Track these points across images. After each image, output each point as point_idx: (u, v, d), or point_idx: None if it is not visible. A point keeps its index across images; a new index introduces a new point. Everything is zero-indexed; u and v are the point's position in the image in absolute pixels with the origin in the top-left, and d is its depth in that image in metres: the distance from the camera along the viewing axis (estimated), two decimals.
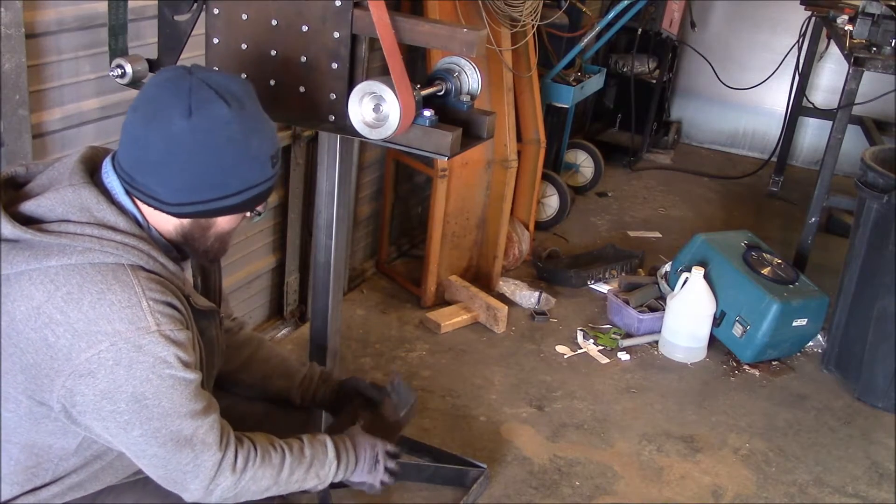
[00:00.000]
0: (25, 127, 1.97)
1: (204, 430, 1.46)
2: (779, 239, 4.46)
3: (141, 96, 1.43)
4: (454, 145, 1.73)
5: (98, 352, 1.34)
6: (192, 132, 1.38)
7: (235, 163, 1.43)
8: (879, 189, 3.12)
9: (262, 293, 3.20)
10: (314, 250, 2.12)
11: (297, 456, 1.62)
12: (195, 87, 1.40)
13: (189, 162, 1.40)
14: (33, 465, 1.48)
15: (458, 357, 3.29)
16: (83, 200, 1.41)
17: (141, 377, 1.37)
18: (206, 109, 1.39)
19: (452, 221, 3.60)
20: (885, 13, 3.62)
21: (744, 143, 6.14)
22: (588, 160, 4.99)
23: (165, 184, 1.42)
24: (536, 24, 3.57)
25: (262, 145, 1.46)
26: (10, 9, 1.85)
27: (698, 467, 2.83)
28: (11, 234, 1.37)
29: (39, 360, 1.36)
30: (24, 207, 1.42)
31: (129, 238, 1.41)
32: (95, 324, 1.34)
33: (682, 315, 3.40)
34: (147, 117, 1.40)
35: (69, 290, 1.35)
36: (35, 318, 1.35)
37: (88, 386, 1.36)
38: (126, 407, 1.38)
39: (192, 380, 1.43)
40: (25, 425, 1.44)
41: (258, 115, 1.47)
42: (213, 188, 1.44)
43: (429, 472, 2.60)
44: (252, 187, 1.47)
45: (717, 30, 5.94)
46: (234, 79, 1.47)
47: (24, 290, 1.36)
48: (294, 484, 1.63)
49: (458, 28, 1.70)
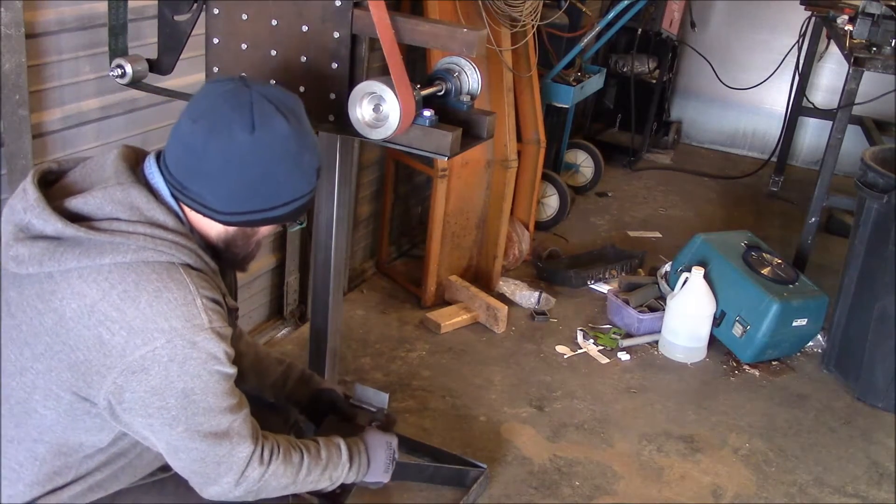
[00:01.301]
0: (25, 127, 1.97)
1: (239, 423, 1.50)
2: (779, 239, 4.46)
3: (198, 106, 1.44)
4: (454, 145, 1.73)
5: (153, 349, 1.36)
6: (253, 146, 1.41)
7: (288, 176, 1.47)
8: (879, 189, 3.12)
9: (262, 293, 3.20)
10: (314, 250, 2.12)
11: (315, 457, 1.66)
12: (256, 101, 1.42)
13: (246, 174, 1.43)
14: (59, 465, 1.50)
15: (458, 357, 3.29)
16: (133, 199, 1.42)
17: (192, 373, 1.40)
18: (268, 125, 1.41)
19: (452, 221, 3.60)
20: (885, 13, 3.61)
21: (744, 143, 6.14)
22: (588, 160, 4.99)
23: (218, 193, 1.44)
24: (536, 24, 3.57)
25: (311, 159, 1.50)
26: (10, 9, 1.85)
27: (698, 467, 2.83)
28: (55, 231, 1.38)
29: (91, 357, 1.37)
30: (70, 204, 1.42)
31: (180, 237, 1.43)
32: (153, 321, 1.36)
33: (682, 315, 3.40)
34: (208, 129, 1.40)
35: (125, 287, 1.36)
36: (88, 315, 1.36)
37: (140, 382, 1.38)
38: (174, 402, 1.40)
39: (233, 374, 1.47)
40: (63, 422, 1.45)
41: (309, 130, 1.50)
42: (264, 199, 1.47)
43: (429, 472, 2.59)
44: (299, 198, 1.51)
45: (717, 30, 5.94)
46: (287, 93, 1.50)
47: (75, 288, 1.37)
48: (309, 484, 1.67)
49: (458, 28, 1.70)
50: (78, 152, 2.18)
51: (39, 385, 1.42)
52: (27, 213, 1.39)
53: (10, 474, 1.49)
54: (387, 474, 1.82)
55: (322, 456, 1.68)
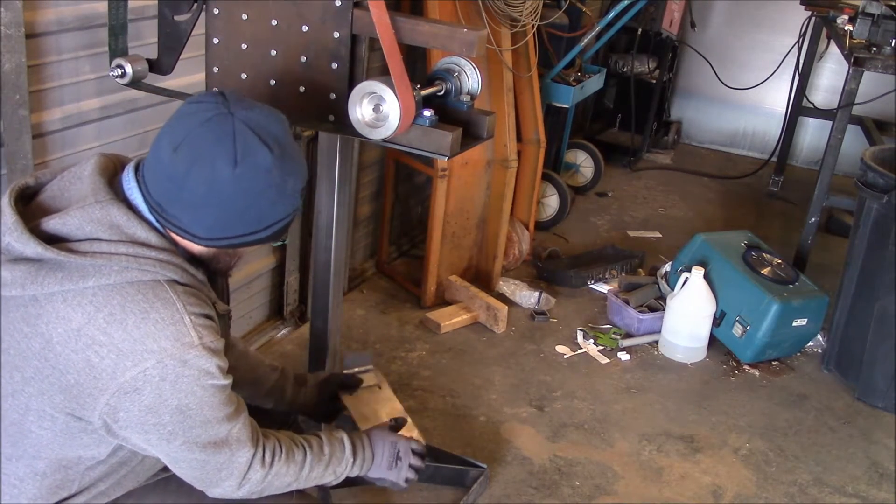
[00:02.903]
0: (25, 127, 1.97)
1: (238, 429, 1.50)
2: (779, 239, 4.45)
3: (179, 132, 1.38)
4: (454, 145, 1.73)
5: (144, 369, 1.35)
6: (235, 180, 1.37)
7: (271, 205, 1.44)
8: (879, 189, 3.11)
9: (262, 293, 3.20)
10: (314, 250, 2.12)
11: (318, 453, 1.67)
12: (239, 133, 1.37)
13: (227, 206, 1.40)
14: (60, 478, 1.49)
15: (458, 357, 3.29)
16: (112, 218, 1.39)
17: (186, 390, 1.38)
18: (251, 157, 1.37)
19: (452, 221, 3.60)
20: (885, 13, 3.62)
21: (744, 143, 6.14)
22: (588, 160, 4.99)
23: (199, 222, 1.41)
24: (536, 24, 3.57)
25: (296, 183, 1.46)
26: (10, 9, 1.85)
27: (698, 467, 2.83)
28: (35, 253, 1.34)
29: (81, 380, 1.36)
30: (47, 226, 1.38)
31: (163, 254, 1.40)
32: (141, 343, 1.34)
33: (682, 315, 3.40)
34: (189, 160, 1.36)
35: (111, 310, 1.34)
36: (76, 339, 1.34)
37: (133, 402, 1.37)
38: (170, 419, 1.40)
39: (228, 384, 1.46)
40: (59, 440, 1.44)
41: (293, 154, 1.46)
42: (246, 226, 1.44)
43: (429, 472, 2.59)
44: (281, 220, 1.48)
45: (717, 30, 5.94)
46: (271, 115, 1.45)
47: (60, 312, 1.35)
48: (313, 480, 1.67)
49: (458, 28, 1.70)
50: (78, 152, 2.18)
51: (33, 406, 1.41)
52: (6, 235, 1.36)
53: (10, 490, 1.48)
54: (392, 472, 1.80)
55: (325, 451, 1.68)
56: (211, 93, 1.45)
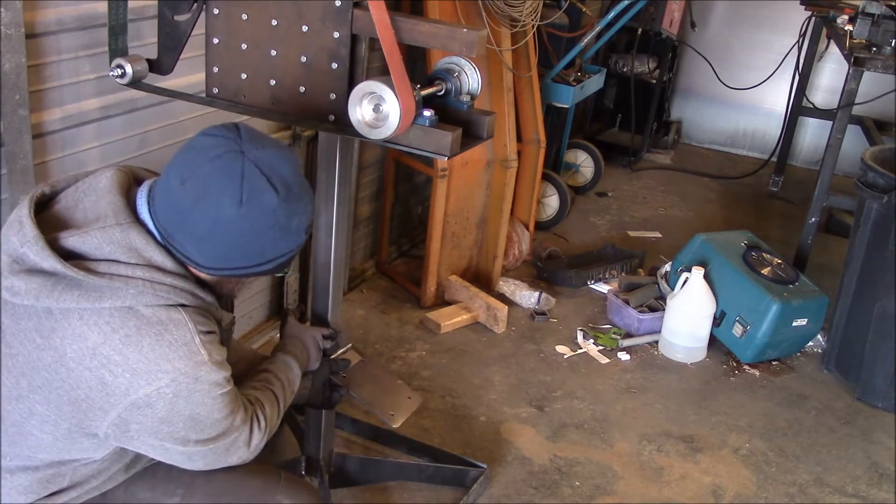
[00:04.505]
0: (25, 127, 1.97)
1: (238, 418, 1.55)
2: (779, 239, 4.46)
3: (188, 165, 1.41)
4: (454, 145, 1.73)
5: (158, 388, 1.39)
6: (239, 220, 1.40)
7: (274, 242, 1.47)
8: (879, 189, 3.11)
9: (262, 293, 3.20)
10: (314, 250, 2.12)
11: (281, 385, 1.79)
12: (248, 173, 1.40)
13: (230, 241, 1.43)
14: (52, 473, 1.51)
15: (458, 357, 3.29)
16: (132, 241, 1.42)
17: (198, 402, 1.44)
18: (256, 199, 1.40)
19: (452, 221, 3.60)
20: (885, 13, 3.62)
21: (744, 143, 6.14)
22: (588, 160, 4.99)
23: (203, 252, 1.44)
24: (536, 24, 3.57)
25: (301, 223, 1.49)
26: (10, 9, 1.85)
27: (698, 467, 2.83)
28: (52, 267, 1.37)
29: (93, 395, 1.39)
30: (66, 242, 1.41)
31: (178, 280, 1.44)
32: (156, 363, 1.38)
33: (682, 315, 3.40)
34: (195, 195, 1.39)
35: (127, 332, 1.37)
36: (90, 358, 1.37)
37: (146, 416, 1.41)
38: (183, 426, 1.45)
39: (232, 388, 1.52)
40: (59, 444, 1.47)
41: (300, 194, 1.47)
42: (247, 259, 1.47)
43: (429, 472, 2.59)
44: (284, 255, 1.51)
45: (717, 30, 5.94)
46: (283, 155, 1.46)
47: (76, 329, 1.37)
48: (289, 402, 1.82)
49: (458, 28, 1.69)
50: (78, 152, 2.18)
51: (37, 412, 1.43)
52: (24, 247, 1.38)
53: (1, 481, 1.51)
54: (318, 361, 2.00)
55: (282, 379, 1.80)
56: (225, 126, 1.47)
